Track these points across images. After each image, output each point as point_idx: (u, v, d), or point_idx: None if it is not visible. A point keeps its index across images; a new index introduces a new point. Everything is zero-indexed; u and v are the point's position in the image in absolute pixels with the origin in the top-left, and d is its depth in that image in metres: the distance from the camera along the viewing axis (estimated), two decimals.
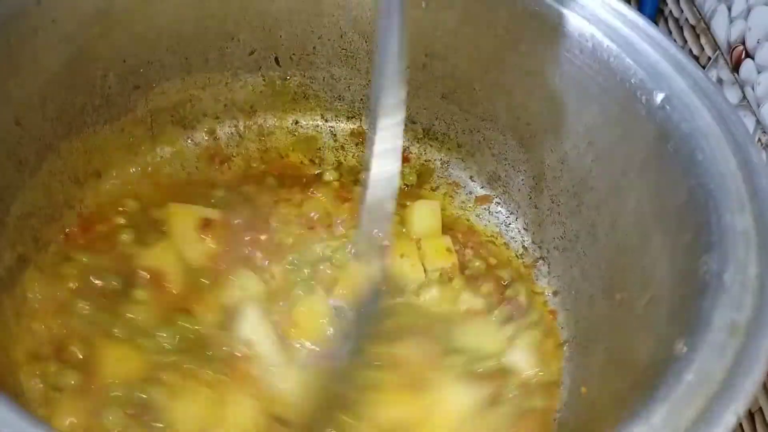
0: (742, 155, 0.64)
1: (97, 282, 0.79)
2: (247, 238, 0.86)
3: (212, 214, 0.86)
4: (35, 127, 0.76)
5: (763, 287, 0.55)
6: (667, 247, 0.67)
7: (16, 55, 0.71)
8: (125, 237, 0.83)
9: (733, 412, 0.46)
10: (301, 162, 0.99)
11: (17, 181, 0.75)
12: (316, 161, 1.00)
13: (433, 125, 0.99)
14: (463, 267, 0.89)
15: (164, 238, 0.84)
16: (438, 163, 1.00)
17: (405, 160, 0.99)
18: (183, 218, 0.86)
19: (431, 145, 1.00)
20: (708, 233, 0.60)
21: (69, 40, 0.76)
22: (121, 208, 0.87)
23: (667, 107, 0.70)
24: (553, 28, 0.78)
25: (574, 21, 0.77)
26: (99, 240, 0.84)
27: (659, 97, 0.71)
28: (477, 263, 0.90)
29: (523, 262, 0.92)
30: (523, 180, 0.93)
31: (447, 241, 0.90)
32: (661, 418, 0.46)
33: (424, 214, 0.92)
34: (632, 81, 0.73)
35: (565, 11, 0.77)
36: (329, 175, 0.97)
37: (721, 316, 0.53)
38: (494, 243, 0.94)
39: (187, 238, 0.84)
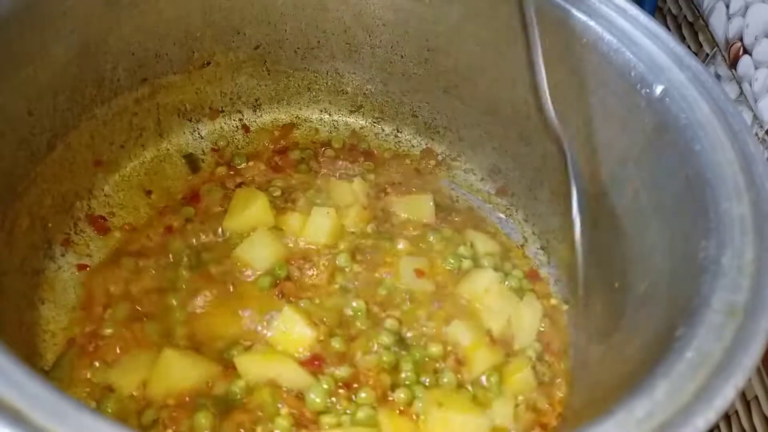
0: (740, 145, 0.66)
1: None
2: None
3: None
4: (46, 118, 0.77)
5: (760, 270, 0.57)
6: (665, 234, 0.68)
7: (28, 45, 0.72)
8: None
9: (733, 385, 0.48)
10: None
11: (29, 171, 0.76)
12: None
13: (435, 119, 1.01)
14: None
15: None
16: (440, 157, 1.02)
17: None
18: None
19: (433, 139, 1.02)
20: (706, 220, 0.62)
21: (79, 31, 0.77)
22: (130, 199, 0.89)
23: (666, 99, 0.71)
24: (553, 23, 0.80)
25: (575, 15, 0.79)
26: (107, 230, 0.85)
27: (659, 89, 0.72)
28: None
29: (524, 252, 0.94)
30: (523, 172, 0.95)
31: None
32: (663, 393, 0.48)
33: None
34: (632, 74, 0.75)
35: (566, 6, 0.79)
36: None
37: (719, 298, 0.55)
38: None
39: None
